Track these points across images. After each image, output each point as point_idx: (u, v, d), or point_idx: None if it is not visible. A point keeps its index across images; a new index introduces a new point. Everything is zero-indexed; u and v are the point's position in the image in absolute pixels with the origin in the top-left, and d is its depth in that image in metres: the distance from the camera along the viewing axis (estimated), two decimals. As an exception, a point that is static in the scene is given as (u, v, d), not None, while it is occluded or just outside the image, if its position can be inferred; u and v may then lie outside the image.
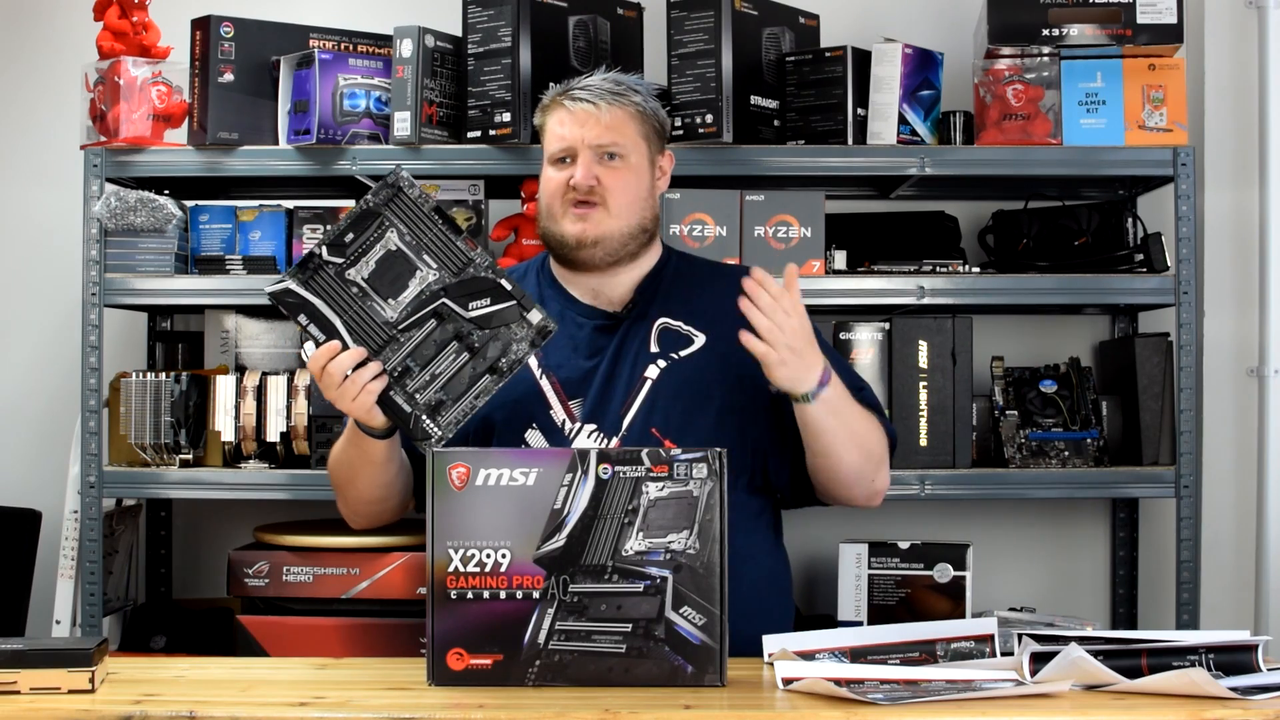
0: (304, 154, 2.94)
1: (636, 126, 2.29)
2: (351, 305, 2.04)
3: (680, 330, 2.28)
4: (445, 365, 2.05)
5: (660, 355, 2.25)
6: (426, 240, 2.04)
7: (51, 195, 3.35)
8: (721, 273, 2.41)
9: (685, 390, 2.22)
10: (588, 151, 2.25)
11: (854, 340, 2.95)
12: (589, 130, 2.25)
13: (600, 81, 2.30)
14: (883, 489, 2.32)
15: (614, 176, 2.25)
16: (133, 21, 2.96)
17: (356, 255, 2.04)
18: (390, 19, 2.99)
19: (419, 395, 2.05)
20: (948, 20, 3.29)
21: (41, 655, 1.75)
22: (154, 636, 3.10)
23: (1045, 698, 1.73)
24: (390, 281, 2.04)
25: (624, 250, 2.28)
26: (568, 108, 2.27)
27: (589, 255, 2.26)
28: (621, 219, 2.26)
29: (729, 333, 2.22)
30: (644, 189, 2.30)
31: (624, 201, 2.25)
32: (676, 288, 2.33)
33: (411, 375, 2.05)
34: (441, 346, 2.04)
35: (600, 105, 2.25)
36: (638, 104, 2.30)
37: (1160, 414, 3.02)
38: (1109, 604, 3.33)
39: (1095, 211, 3.13)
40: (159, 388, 2.94)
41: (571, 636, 1.78)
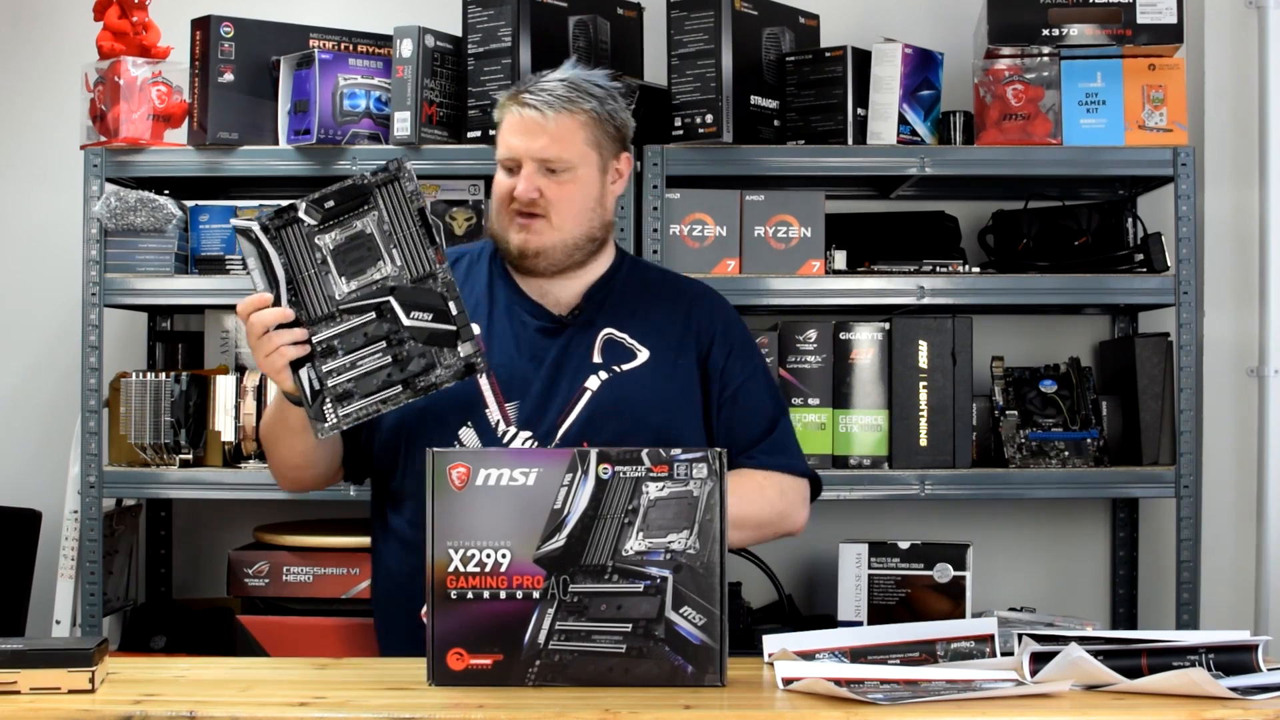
0: (304, 154, 2.94)
1: (586, 135, 2.22)
2: (307, 268, 2.02)
3: (625, 343, 2.25)
4: (367, 360, 2.02)
5: (603, 366, 2.22)
6: (400, 236, 2.02)
7: (51, 195, 3.35)
8: (672, 286, 2.37)
9: (623, 407, 2.18)
10: (531, 164, 2.19)
11: (854, 340, 2.95)
12: (534, 142, 2.19)
13: (555, 85, 2.22)
14: (794, 529, 2.34)
15: (557, 190, 2.20)
16: (133, 21, 2.96)
17: (331, 224, 2.01)
18: (390, 19, 2.99)
19: (331, 379, 2.02)
20: (948, 20, 3.29)
21: (41, 655, 1.75)
22: (154, 636, 3.10)
23: (1045, 698, 1.73)
24: (351, 261, 2.02)
25: (569, 260, 2.25)
26: (517, 114, 2.21)
27: (531, 265, 2.24)
28: (564, 231, 2.22)
29: (672, 352, 2.24)
30: (591, 200, 2.24)
31: (567, 214, 2.21)
32: (626, 297, 2.29)
33: (333, 356, 2.02)
34: (370, 341, 2.02)
35: (548, 115, 2.19)
36: (591, 110, 2.22)
37: (1160, 414, 3.02)
38: (1109, 604, 3.33)
39: (1095, 211, 3.13)
40: (159, 388, 2.94)
41: (571, 636, 1.78)
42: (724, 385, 2.28)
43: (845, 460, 2.95)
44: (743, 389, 2.29)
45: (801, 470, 2.33)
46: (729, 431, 2.28)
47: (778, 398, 2.36)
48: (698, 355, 2.28)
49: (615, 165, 2.29)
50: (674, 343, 2.27)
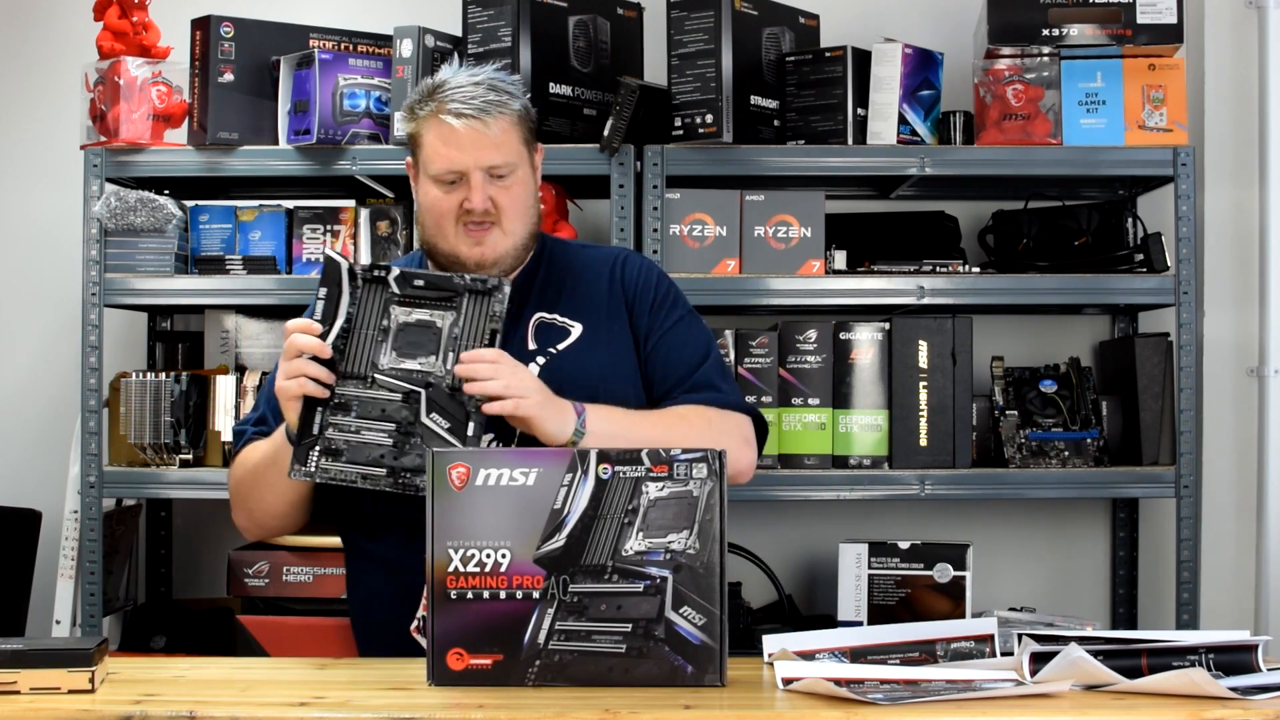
0: (304, 154, 2.94)
1: (518, 134, 2.20)
2: (368, 328, 2.04)
3: (556, 323, 2.24)
4: (371, 433, 2.03)
5: (539, 352, 2.20)
6: (463, 345, 2.04)
7: (51, 195, 3.35)
8: (594, 257, 2.34)
9: (568, 386, 2.15)
10: (479, 173, 2.16)
11: (854, 340, 2.95)
12: (481, 152, 2.15)
13: (478, 90, 2.17)
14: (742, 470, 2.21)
15: (506, 195, 2.18)
16: (133, 21, 2.97)
17: (411, 302, 2.05)
18: (390, 19, 2.99)
19: (331, 430, 2.03)
20: (948, 20, 3.29)
21: (41, 655, 1.75)
22: (154, 636, 3.10)
23: (1045, 698, 1.72)
24: (409, 342, 2.05)
25: (518, 263, 2.24)
26: (452, 125, 2.15)
27: (487, 275, 2.19)
28: (514, 235, 2.20)
29: (604, 320, 2.22)
30: (531, 198, 2.24)
31: (516, 217, 2.20)
32: (552, 280, 2.28)
33: (345, 413, 2.03)
34: (384, 419, 2.03)
35: (487, 122, 2.14)
36: (518, 110, 2.19)
37: (1160, 414, 3.02)
38: (1109, 604, 3.33)
39: (1095, 211, 3.13)
40: (159, 388, 2.94)
41: (571, 636, 1.78)
42: (648, 337, 2.25)
43: (845, 460, 2.95)
44: (666, 337, 2.25)
45: (735, 404, 2.24)
46: (652, 379, 2.24)
47: (707, 343, 2.29)
48: (628, 317, 2.26)
49: (536, 159, 2.28)
50: (604, 312, 2.24)
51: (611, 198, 2.91)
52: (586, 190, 3.11)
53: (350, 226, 3.03)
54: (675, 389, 2.23)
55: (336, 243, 3.01)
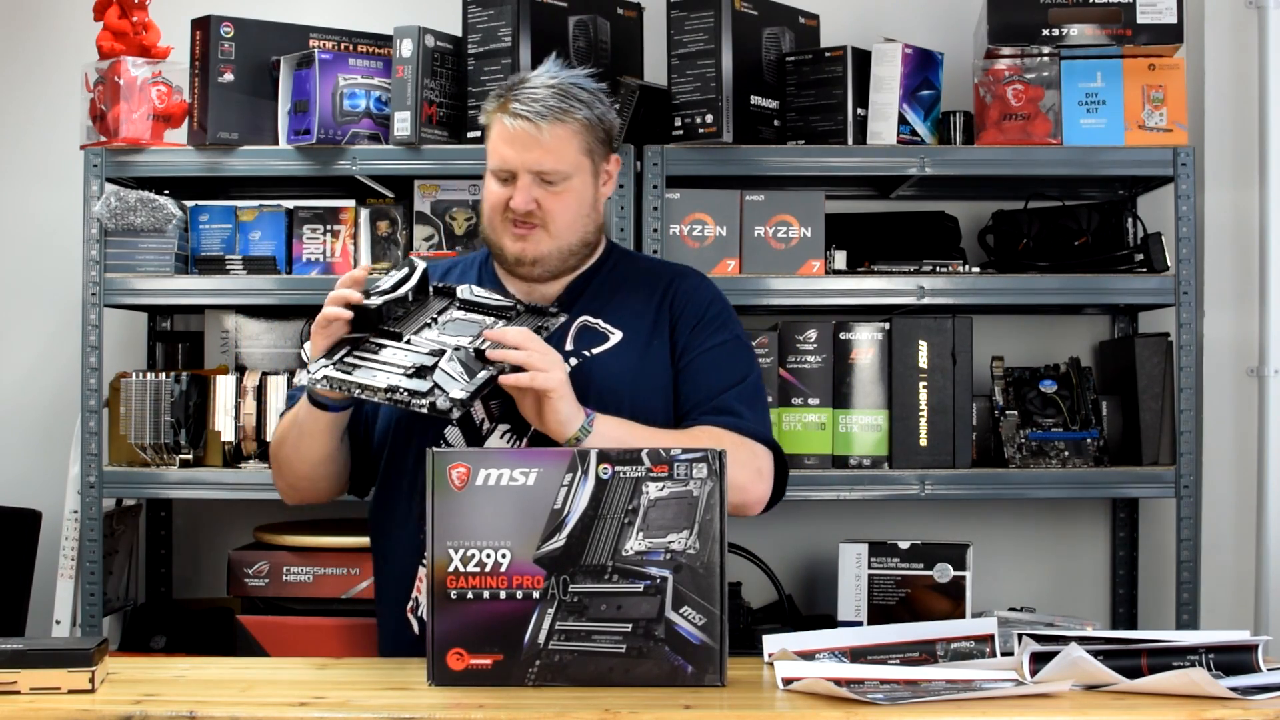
0: (304, 154, 2.94)
1: (579, 143, 2.20)
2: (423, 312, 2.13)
3: (598, 328, 2.24)
4: (388, 366, 2.04)
5: (574, 353, 2.21)
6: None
7: (51, 195, 3.35)
8: (655, 272, 2.35)
9: (591, 390, 2.15)
10: (527, 175, 2.18)
11: (854, 340, 2.95)
12: (529, 154, 2.17)
13: (545, 93, 2.18)
14: (751, 501, 2.19)
15: (553, 200, 2.20)
16: (133, 21, 2.96)
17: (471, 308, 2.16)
18: (390, 19, 2.99)
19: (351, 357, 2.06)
20: (948, 20, 3.30)
21: (41, 655, 1.75)
22: (154, 636, 3.10)
23: (1045, 698, 1.73)
24: (453, 328, 2.12)
25: (564, 266, 2.25)
26: (508, 124, 2.18)
27: (527, 272, 2.24)
28: (561, 239, 2.22)
29: (646, 334, 2.22)
30: (585, 206, 2.24)
31: (563, 223, 2.21)
32: (607, 287, 2.29)
33: (372, 353, 2.06)
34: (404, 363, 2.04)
35: (541, 126, 2.16)
36: (583, 119, 2.20)
37: (1160, 414, 3.02)
38: (1109, 604, 3.33)
39: (1095, 211, 3.13)
40: (159, 388, 2.94)
41: (571, 636, 1.78)
42: (683, 354, 2.24)
43: (845, 460, 2.95)
44: (701, 356, 2.24)
45: (754, 431, 2.20)
46: (684, 397, 2.23)
47: (744, 371, 2.26)
48: (669, 333, 2.26)
49: (606, 168, 2.28)
50: (650, 323, 2.25)
51: (611, 198, 2.91)
52: (586, 190, 3.11)
53: (350, 226, 3.03)
54: (696, 409, 2.21)
55: (336, 243, 3.02)
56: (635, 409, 2.17)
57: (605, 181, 2.28)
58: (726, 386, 2.22)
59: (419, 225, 3.01)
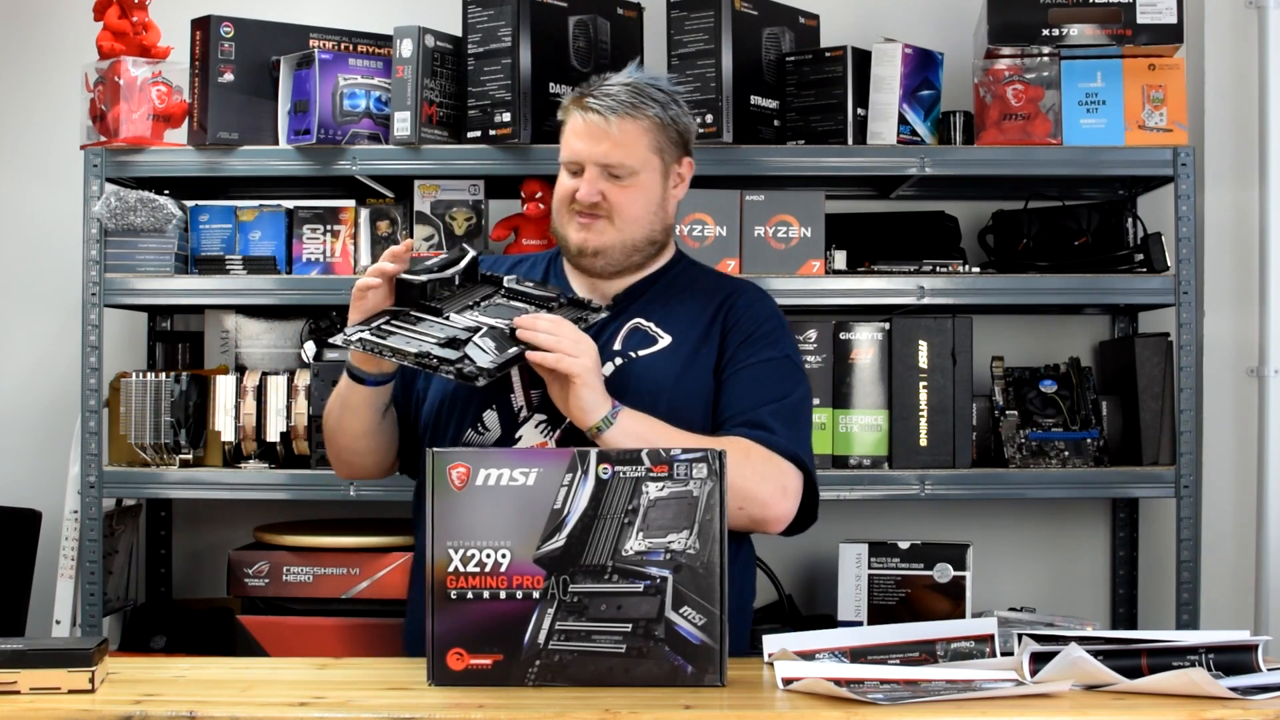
0: (304, 154, 2.94)
1: (650, 140, 2.24)
2: (462, 297, 2.16)
3: (649, 331, 2.26)
4: (424, 332, 2.08)
5: (620, 354, 2.23)
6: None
7: (51, 195, 3.35)
8: (716, 284, 2.36)
9: (632, 389, 2.17)
10: (594, 168, 2.22)
11: (854, 340, 2.95)
12: (597, 147, 2.21)
13: (619, 90, 2.23)
14: (770, 519, 2.17)
15: (620, 194, 2.23)
16: (133, 21, 2.97)
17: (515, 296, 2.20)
18: (390, 19, 2.99)
19: (388, 324, 2.09)
20: (948, 20, 3.29)
21: (41, 655, 1.75)
22: (154, 636, 3.10)
23: (1045, 698, 1.73)
24: (495, 310, 2.16)
25: (627, 261, 2.27)
26: (580, 118, 2.22)
27: (590, 264, 2.26)
28: (625, 233, 2.24)
29: (696, 342, 2.23)
30: (653, 203, 2.26)
31: (629, 217, 2.24)
32: (666, 292, 2.30)
33: (412, 324, 2.09)
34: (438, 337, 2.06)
35: (611, 120, 2.20)
36: (654, 116, 2.23)
37: (1160, 414, 3.02)
38: (1109, 604, 3.33)
39: (1095, 211, 3.13)
40: (159, 388, 2.94)
41: (571, 636, 1.78)
42: (728, 365, 2.24)
43: (845, 460, 2.95)
44: (744, 370, 2.23)
45: (785, 449, 2.16)
46: (720, 408, 2.22)
47: (787, 390, 2.23)
48: (720, 346, 2.26)
49: (677, 170, 2.30)
50: (702, 333, 2.25)
51: (611, 198, 2.91)
52: (586, 190, 3.11)
53: (350, 226, 3.03)
54: (730, 420, 2.19)
55: (336, 243, 3.02)
56: (672, 414, 2.16)
57: (676, 184, 2.31)
58: (765, 402, 2.20)
59: (419, 225, 3.01)
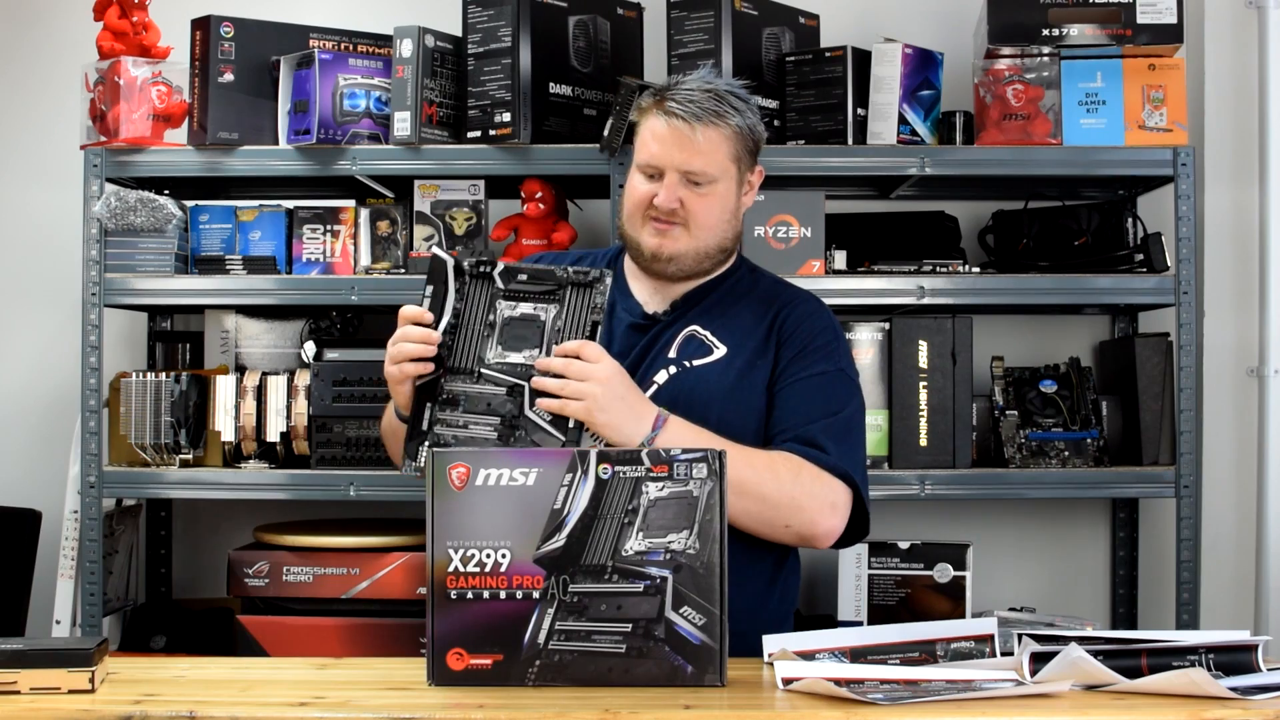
0: (304, 154, 2.94)
1: (729, 149, 2.22)
2: (475, 324, 2.06)
3: (705, 340, 2.26)
4: (479, 427, 2.05)
5: (675, 362, 2.24)
6: (566, 337, 2.06)
7: (51, 195, 3.35)
8: (774, 293, 2.34)
9: (683, 399, 2.18)
10: (674, 174, 2.20)
11: (854, 340, 2.95)
12: (680, 154, 2.19)
13: (702, 96, 2.20)
14: (820, 534, 2.17)
15: (698, 201, 2.22)
16: (133, 21, 2.97)
17: (516, 296, 2.07)
18: (390, 19, 2.99)
19: (440, 427, 2.06)
20: (948, 20, 3.29)
21: (41, 655, 1.75)
22: (154, 636, 3.10)
23: (1045, 698, 1.72)
24: (514, 336, 2.07)
25: (698, 268, 2.27)
26: (663, 121, 2.20)
27: (662, 269, 2.25)
28: (701, 240, 2.24)
29: (752, 353, 2.22)
30: (727, 212, 2.26)
31: (705, 225, 2.23)
32: (725, 299, 2.30)
33: (454, 408, 2.06)
34: (490, 413, 2.05)
35: (695, 127, 2.18)
36: (736, 125, 2.22)
37: (1160, 414, 3.02)
38: (1109, 604, 3.33)
39: (1095, 211, 3.13)
40: (159, 388, 2.94)
41: (571, 636, 1.78)
42: (780, 378, 2.23)
43: (845, 460, 2.95)
44: (797, 384, 2.22)
45: (835, 467, 2.15)
46: (773, 422, 2.21)
47: (841, 404, 2.22)
48: (774, 358, 2.25)
49: (749, 178, 2.30)
50: (758, 344, 2.25)
51: (611, 198, 2.91)
52: (586, 190, 3.11)
53: (350, 226, 3.03)
54: (780, 435, 2.19)
55: (336, 243, 3.01)
56: (722, 425, 2.15)
57: (747, 191, 2.31)
58: (817, 417, 2.19)
59: (419, 225, 3.01)
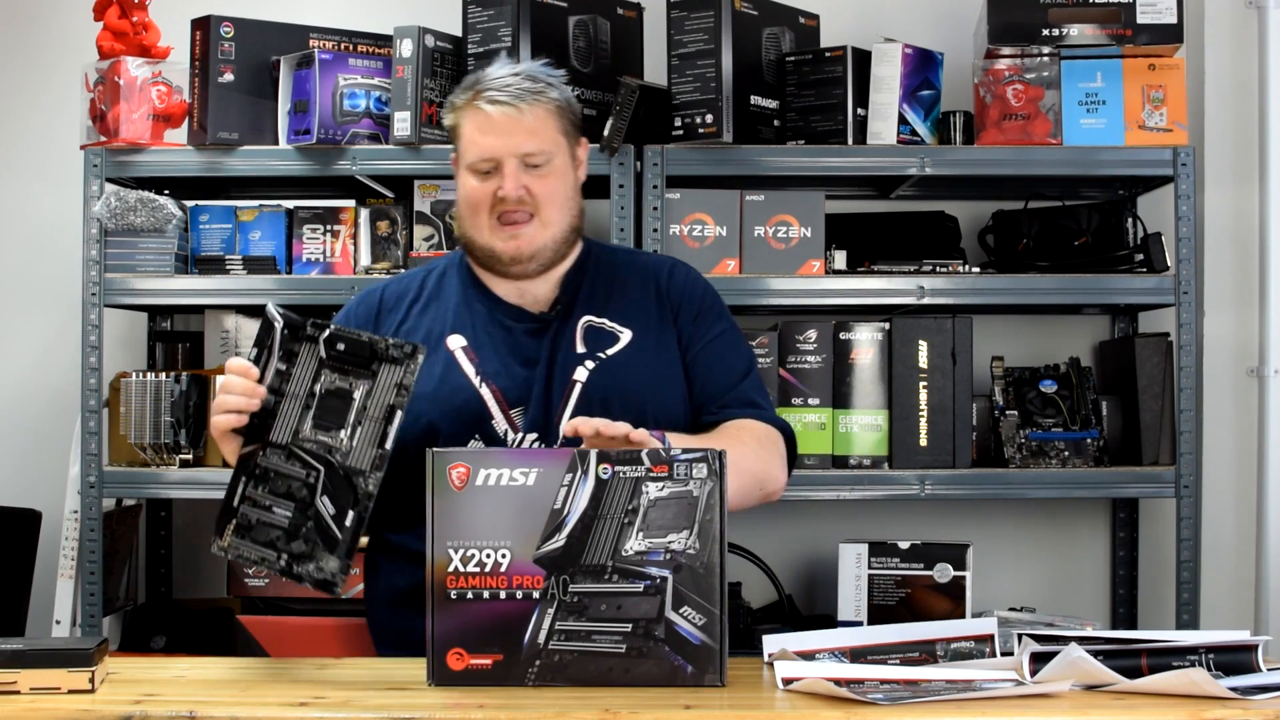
0: (304, 154, 2.94)
1: (556, 123, 2.21)
2: (299, 393, 1.93)
3: (605, 328, 2.24)
4: (276, 511, 1.94)
5: (588, 355, 2.21)
6: (368, 418, 1.91)
7: (51, 195, 3.35)
8: (641, 265, 2.35)
9: (614, 392, 2.17)
10: (513, 161, 2.16)
11: (854, 340, 2.95)
12: (514, 138, 2.16)
13: (516, 80, 2.18)
14: (778, 490, 2.24)
15: (542, 184, 2.19)
16: (133, 21, 2.97)
17: (337, 367, 1.92)
18: (390, 19, 2.99)
19: (246, 506, 1.95)
20: (948, 20, 3.29)
21: (41, 655, 1.75)
22: (154, 636, 3.10)
23: (1045, 698, 1.72)
24: (326, 411, 1.93)
25: (556, 257, 2.24)
26: (487, 112, 2.16)
27: (523, 270, 2.22)
28: (553, 227, 2.21)
29: (653, 330, 2.23)
30: (570, 189, 2.24)
31: (553, 208, 2.20)
32: (600, 283, 2.28)
33: (264, 484, 1.94)
34: (289, 497, 1.93)
35: (522, 109, 2.16)
36: (557, 99, 2.21)
37: (1160, 414, 3.02)
38: (1109, 604, 3.33)
39: (1095, 211, 3.13)
40: (159, 388, 2.94)
41: (571, 636, 1.78)
42: (690, 346, 2.26)
43: (845, 460, 2.95)
44: (708, 348, 2.26)
45: (773, 420, 2.27)
46: (699, 389, 2.24)
47: (749, 358, 2.32)
48: (674, 327, 2.27)
49: (579, 153, 2.28)
50: (655, 318, 2.26)
51: (611, 198, 2.91)
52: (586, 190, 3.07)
53: (350, 226, 3.03)
54: (714, 401, 2.23)
55: (336, 243, 3.02)
56: (657, 406, 2.18)
57: (579, 166, 2.29)
58: (740, 377, 2.26)
59: (419, 225, 3.01)
